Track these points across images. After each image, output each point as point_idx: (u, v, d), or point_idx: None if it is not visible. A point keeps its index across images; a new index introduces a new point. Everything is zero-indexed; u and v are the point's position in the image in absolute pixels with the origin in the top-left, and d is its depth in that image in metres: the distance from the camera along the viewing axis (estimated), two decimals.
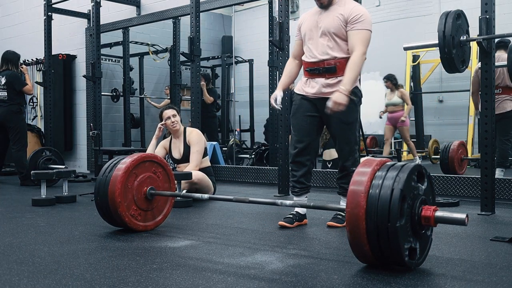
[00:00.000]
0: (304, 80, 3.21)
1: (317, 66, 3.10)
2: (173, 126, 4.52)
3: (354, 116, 3.11)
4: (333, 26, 3.04)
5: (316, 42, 3.11)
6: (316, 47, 3.10)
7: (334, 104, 2.91)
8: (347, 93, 2.92)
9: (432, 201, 2.23)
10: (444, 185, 4.46)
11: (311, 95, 3.14)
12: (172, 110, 4.57)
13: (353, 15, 3.00)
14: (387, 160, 2.24)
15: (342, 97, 2.91)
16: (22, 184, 5.91)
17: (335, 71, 3.05)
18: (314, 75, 3.13)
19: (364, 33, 3.01)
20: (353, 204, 2.05)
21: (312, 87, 3.13)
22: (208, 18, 9.28)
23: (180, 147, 4.54)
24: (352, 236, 2.08)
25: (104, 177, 2.96)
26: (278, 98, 3.25)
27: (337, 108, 2.92)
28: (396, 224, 1.98)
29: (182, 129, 4.59)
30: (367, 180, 2.07)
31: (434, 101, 8.11)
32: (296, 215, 3.26)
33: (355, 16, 3.00)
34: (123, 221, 2.92)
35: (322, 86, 3.09)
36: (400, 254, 2.02)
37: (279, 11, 4.84)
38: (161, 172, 3.15)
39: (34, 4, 8.58)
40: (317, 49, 3.10)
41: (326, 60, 3.07)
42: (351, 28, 3.01)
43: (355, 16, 3.00)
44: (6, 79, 5.96)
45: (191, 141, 4.48)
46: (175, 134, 4.58)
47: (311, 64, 3.13)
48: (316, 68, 3.11)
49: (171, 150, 4.61)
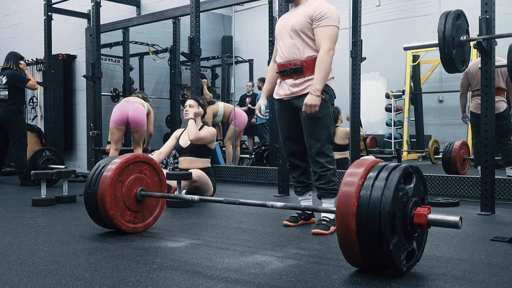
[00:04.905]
0: (278, 82, 3.22)
1: (285, 67, 3.10)
2: (185, 114, 4.61)
3: (324, 111, 3.02)
4: (298, 24, 3.03)
5: (284, 41, 3.10)
6: (284, 46, 3.10)
7: (307, 107, 2.93)
8: (318, 93, 2.92)
9: (424, 192, 2.17)
10: (444, 185, 4.46)
11: (284, 97, 3.14)
12: (191, 101, 4.64)
13: (317, 12, 2.98)
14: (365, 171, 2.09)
15: (313, 98, 2.92)
16: (22, 184, 5.91)
17: (302, 72, 3.04)
18: (284, 77, 3.12)
19: (329, 29, 2.98)
20: (343, 241, 2.04)
21: (284, 88, 3.13)
22: (208, 18, 9.28)
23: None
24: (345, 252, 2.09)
25: (91, 190, 2.90)
26: (262, 108, 3.27)
27: (310, 110, 2.93)
28: (390, 247, 1.94)
29: (200, 125, 4.62)
30: (354, 198, 2.00)
31: (434, 101, 8.10)
32: (302, 214, 3.25)
33: (320, 13, 2.98)
34: (121, 229, 2.91)
35: (290, 86, 3.08)
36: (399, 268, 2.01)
37: (279, 11, 4.85)
38: (147, 168, 3.08)
39: (34, 4, 8.58)
40: (285, 48, 3.09)
41: (293, 61, 3.05)
42: (316, 25, 2.98)
43: (320, 13, 2.98)
44: (7, 79, 5.97)
45: (204, 131, 4.55)
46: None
47: (281, 65, 3.13)
48: (284, 69, 3.10)
49: (180, 138, 4.64)
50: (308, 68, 3.01)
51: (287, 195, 4.82)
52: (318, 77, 2.94)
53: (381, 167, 2.08)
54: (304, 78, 3.04)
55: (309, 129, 3.06)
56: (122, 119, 5.44)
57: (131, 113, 5.42)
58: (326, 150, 3.05)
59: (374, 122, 8.56)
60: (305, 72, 3.03)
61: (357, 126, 5.16)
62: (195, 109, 4.57)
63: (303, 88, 3.03)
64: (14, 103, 5.99)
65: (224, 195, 4.70)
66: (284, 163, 4.83)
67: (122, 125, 5.48)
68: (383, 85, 8.49)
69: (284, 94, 3.13)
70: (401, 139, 8.00)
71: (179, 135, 4.68)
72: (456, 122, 7.58)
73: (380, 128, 8.47)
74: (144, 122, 5.52)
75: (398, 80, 8.10)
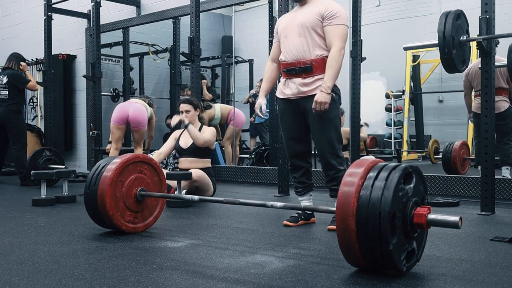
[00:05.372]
0: (283, 81, 3.19)
1: (293, 66, 3.07)
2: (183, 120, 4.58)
3: (334, 112, 3.05)
4: (309, 21, 3.02)
5: (291, 40, 3.08)
6: (292, 44, 3.07)
7: (317, 104, 2.92)
8: (329, 91, 2.93)
9: (424, 192, 2.17)
10: (444, 185, 4.46)
11: (291, 96, 3.12)
12: (186, 105, 4.57)
13: (329, 10, 3.00)
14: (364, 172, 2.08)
15: (324, 96, 2.91)
16: (22, 184, 5.91)
17: (311, 70, 3.03)
18: (291, 76, 3.10)
19: (341, 28, 3.00)
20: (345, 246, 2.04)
21: (290, 88, 3.11)
22: (208, 18, 9.28)
23: (189, 139, 4.55)
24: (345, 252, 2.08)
25: (91, 190, 2.90)
26: (263, 107, 3.24)
27: (320, 107, 2.93)
28: (390, 247, 1.94)
29: (199, 125, 4.61)
30: (354, 199, 2.00)
31: (434, 101, 8.10)
32: (302, 214, 3.25)
33: (331, 11, 2.99)
34: (121, 229, 2.91)
35: (299, 85, 3.06)
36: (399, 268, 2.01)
37: (279, 11, 4.85)
38: (147, 168, 3.08)
39: (34, 4, 8.57)
40: (293, 47, 3.06)
41: (302, 60, 3.04)
42: (328, 23, 2.99)
43: (331, 12, 2.99)
44: (8, 78, 5.98)
45: (204, 133, 4.53)
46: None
47: (288, 64, 3.10)
48: (292, 68, 3.08)
49: (180, 139, 4.62)
50: (318, 67, 3.01)
51: (287, 195, 4.82)
52: (330, 75, 2.94)
53: (381, 167, 2.07)
54: (313, 77, 3.03)
55: (319, 130, 3.06)
56: (122, 118, 5.45)
57: (131, 113, 5.43)
58: (337, 151, 3.08)
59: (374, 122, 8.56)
60: (314, 71, 3.02)
61: (357, 126, 5.16)
62: (192, 113, 4.55)
63: (313, 88, 3.02)
64: (14, 103, 5.99)
65: (224, 195, 4.70)
66: (284, 163, 4.83)
67: (122, 124, 5.49)
68: (383, 85, 8.49)
69: (291, 94, 3.11)
70: (401, 139, 7.99)
71: (178, 136, 4.67)
72: (456, 122, 7.59)
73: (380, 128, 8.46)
74: (145, 122, 5.53)
75: (398, 80, 8.09)
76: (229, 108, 7.33)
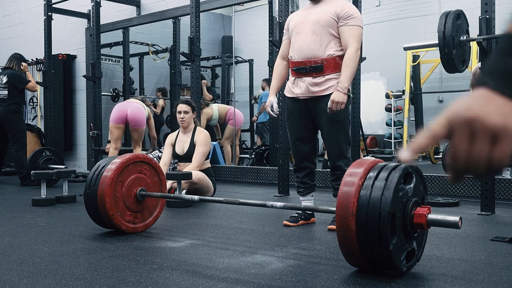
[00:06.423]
0: (292, 80, 3.15)
1: (303, 65, 3.04)
2: (181, 122, 4.51)
3: (344, 114, 3.03)
4: (324, 19, 2.99)
5: (303, 38, 3.04)
6: (303, 42, 3.03)
7: (333, 103, 2.90)
8: (346, 91, 2.90)
9: (424, 192, 2.17)
10: (444, 185, 4.46)
11: (300, 96, 3.09)
12: (185, 106, 4.51)
13: (345, 10, 2.98)
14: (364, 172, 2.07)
15: (342, 96, 2.89)
16: (22, 184, 5.91)
17: (322, 70, 2.99)
18: (301, 74, 3.06)
19: (357, 29, 2.99)
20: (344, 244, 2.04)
21: (300, 87, 3.07)
22: (208, 18, 9.28)
23: (185, 144, 4.52)
24: (344, 252, 2.08)
25: (91, 190, 2.89)
26: (274, 105, 3.19)
27: (336, 107, 2.90)
28: (389, 247, 1.94)
29: (193, 127, 4.57)
30: (354, 199, 2.00)
31: (434, 101, 8.10)
32: (302, 214, 3.25)
33: (347, 12, 2.98)
34: (121, 229, 2.91)
35: (309, 85, 3.03)
36: (399, 268, 2.01)
37: (279, 11, 4.84)
38: (147, 168, 3.07)
39: (34, 4, 8.58)
40: (305, 45, 3.02)
41: (313, 59, 3.01)
42: (344, 23, 2.97)
43: (348, 12, 2.98)
44: (8, 78, 5.98)
45: (198, 141, 4.47)
46: (184, 129, 4.58)
47: (298, 63, 3.06)
48: (302, 67, 3.04)
49: (176, 144, 4.58)
50: (328, 67, 2.98)
51: (287, 195, 4.82)
52: (347, 75, 2.92)
53: (381, 167, 2.07)
54: (324, 77, 3.00)
55: (329, 132, 3.05)
56: (121, 117, 5.46)
57: (130, 112, 5.44)
58: (345, 153, 3.07)
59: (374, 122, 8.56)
60: (325, 71, 2.99)
61: (357, 126, 5.16)
62: (189, 115, 4.52)
63: (324, 89, 2.99)
64: (13, 103, 5.99)
65: (224, 195, 4.70)
66: (284, 163, 4.84)
67: (121, 123, 5.50)
68: (383, 85, 8.50)
69: (301, 93, 3.07)
70: (401, 139, 8.00)
71: (174, 141, 4.61)
72: None
73: (380, 128, 8.47)
74: (143, 121, 5.54)
75: (398, 80, 8.10)
76: (227, 108, 7.33)
